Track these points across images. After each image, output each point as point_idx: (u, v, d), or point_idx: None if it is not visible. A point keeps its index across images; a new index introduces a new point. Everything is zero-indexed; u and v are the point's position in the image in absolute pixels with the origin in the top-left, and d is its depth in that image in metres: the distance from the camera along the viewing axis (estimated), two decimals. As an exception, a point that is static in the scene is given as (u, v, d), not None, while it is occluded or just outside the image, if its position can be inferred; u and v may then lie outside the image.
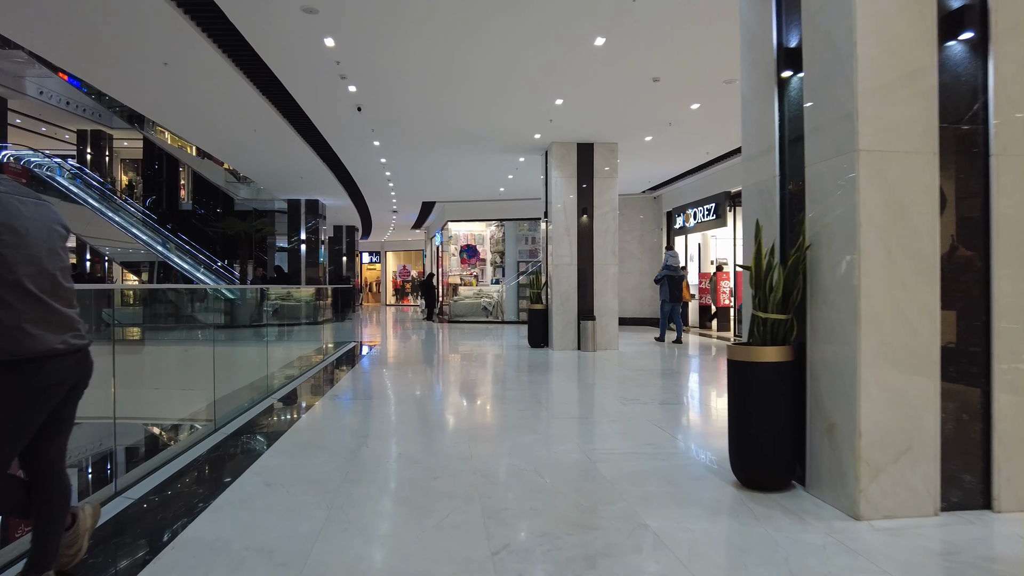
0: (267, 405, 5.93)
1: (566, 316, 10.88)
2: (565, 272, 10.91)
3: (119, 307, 8.19)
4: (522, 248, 18.32)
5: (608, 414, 5.60)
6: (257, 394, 6.16)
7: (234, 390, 5.98)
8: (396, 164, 12.99)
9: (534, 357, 9.88)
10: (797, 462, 3.55)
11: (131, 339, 7.71)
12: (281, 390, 6.72)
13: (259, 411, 5.68)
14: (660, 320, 12.32)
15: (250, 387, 6.34)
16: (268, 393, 6.37)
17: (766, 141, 3.94)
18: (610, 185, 11.10)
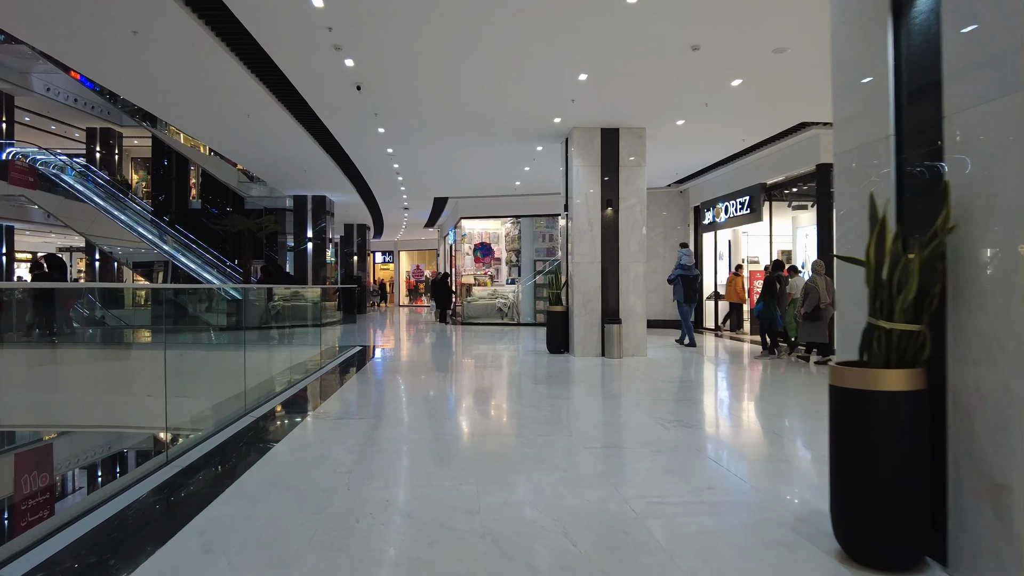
0: (239, 428, 5.02)
1: (588, 319, 9.88)
2: (587, 271, 9.91)
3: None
4: (539, 246, 17.34)
5: (648, 441, 4.60)
6: (229, 413, 5.25)
7: (198, 411, 5.08)
8: (404, 154, 12.08)
9: (553, 365, 8.90)
10: (934, 530, 2.53)
11: (90, 341, 6.87)
12: (261, 407, 5.81)
13: (228, 435, 4.77)
14: (683, 323, 11.23)
15: (220, 405, 5.44)
16: (244, 412, 5.46)
17: (874, 92, 2.92)
18: (637, 175, 10.08)
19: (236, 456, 4.25)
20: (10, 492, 4.21)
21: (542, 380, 7.55)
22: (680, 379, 7.98)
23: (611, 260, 9.97)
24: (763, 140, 11.34)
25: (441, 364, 9.45)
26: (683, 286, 11.33)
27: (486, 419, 5.39)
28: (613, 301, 9.96)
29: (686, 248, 12.36)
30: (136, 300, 13.29)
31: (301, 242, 16.99)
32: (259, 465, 3.97)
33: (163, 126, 22.89)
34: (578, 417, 5.50)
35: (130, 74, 8.02)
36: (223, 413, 5.32)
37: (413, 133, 10.41)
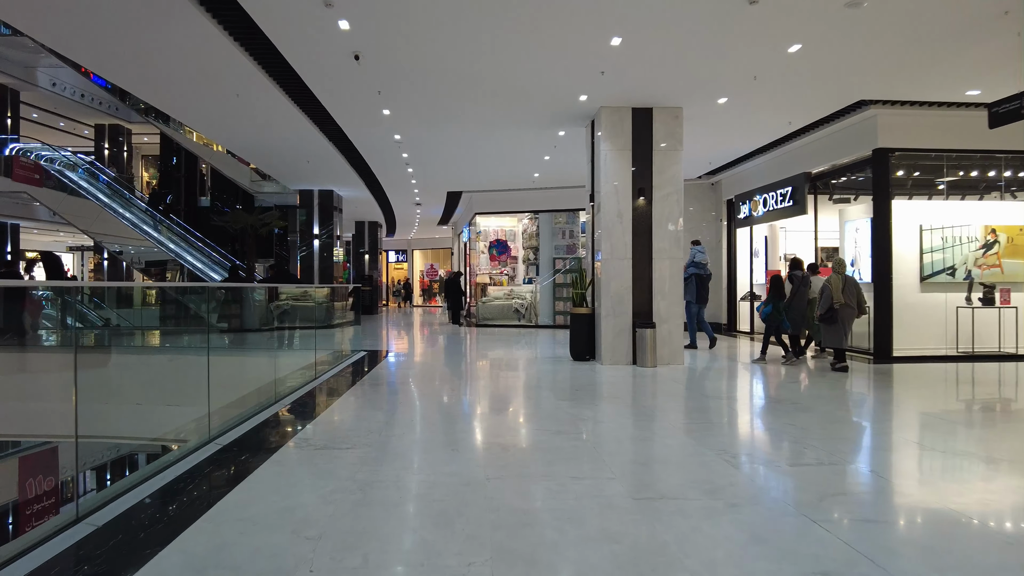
0: (191, 464, 4.00)
1: (618, 323, 8.78)
2: (617, 268, 8.81)
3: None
4: (559, 243, 16.24)
5: (717, 488, 3.50)
6: (182, 444, 4.24)
7: (132, 446, 4.10)
8: (413, 141, 11.06)
9: (579, 375, 7.80)
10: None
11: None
12: (231, 432, 4.80)
13: (173, 475, 3.75)
14: (688, 324, 10.21)
15: (172, 433, 4.44)
16: (206, 439, 4.46)
17: None
18: (673, 160, 8.95)
19: (172, 510, 3.23)
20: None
21: (568, 395, 6.46)
22: (729, 394, 6.85)
23: (643, 256, 8.85)
24: (812, 123, 10.14)
25: (451, 374, 8.40)
26: (696, 285, 10.21)
27: (504, 451, 4.33)
28: (646, 302, 8.84)
29: (699, 245, 11.28)
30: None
31: (307, 239, 16.05)
32: (198, 526, 2.94)
33: (177, 125, 22.19)
34: (619, 449, 4.41)
35: (96, 42, 7.07)
36: (176, 443, 4.30)
37: (421, 115, 9.38)
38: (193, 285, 14.56)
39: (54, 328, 6.28)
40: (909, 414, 5.91)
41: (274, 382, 6.05)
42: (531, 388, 6.98)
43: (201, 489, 3.53)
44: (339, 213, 16.87)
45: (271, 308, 8.95)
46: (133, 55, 7.22)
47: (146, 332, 9.13)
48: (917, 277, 9.94)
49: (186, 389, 5.03)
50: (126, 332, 8.64)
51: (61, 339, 5.89)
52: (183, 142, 23.41)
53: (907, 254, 9.80)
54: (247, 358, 7.70)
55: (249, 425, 5.01)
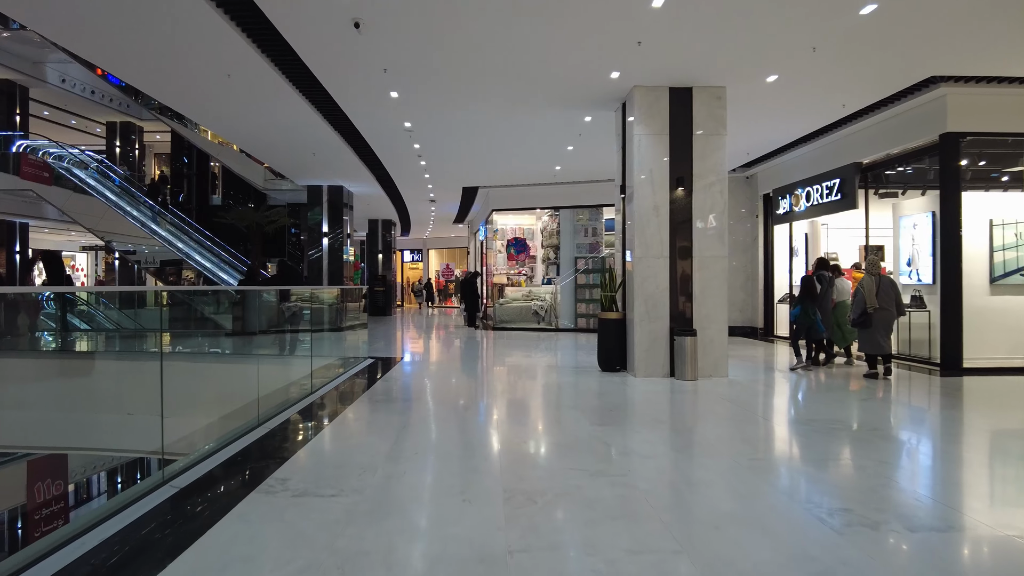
0: (127, 521, 3.11)
1: (653, 329, 7.78)
2: (652, 268, 7.82)
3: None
4: (580, 241, 15.24)
5: (826, 569, 2.52)
6: (123, 490, 3.37)
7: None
8: (425, 130, 10.15)
9: (610, 391, 6.83)
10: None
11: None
12: (194, 470, 3.91)
13: (95, 542, 2.86)
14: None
15: (109, 475, 3.58)
16: (160, 481, 3.58)
17: None
18: (715, 146, 7.94)
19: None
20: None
21: (602, 418, 5.50)
22: (792, 417, 5.82)
23: (683, 254, 7.85)
24: (867, 107, 9.05)
25: (466, 388, 7.46)
26: None
27: (530, 502, 3.38)
28: (685, 306, 7.84)
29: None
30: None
31: (316, 237, 15.24)
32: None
33: (192, 125, 21.58)
34: (679, 500, 3.43)
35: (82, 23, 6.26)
36: (116, 490, 3.43)
37: (433, 99, 8.46)
38: (162, 289, 13.82)
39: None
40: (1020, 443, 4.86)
41: (257, 402, 5.16)
42: (558, 407, 6.02)
43: (125, 564, 2.63)
44: (349, 210, 16.05)
45: (262, 313, 8.09)
46: (117, 31, 6.39)
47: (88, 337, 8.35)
48: (986, 278, 8.83)
49: (134, 414, 4.16)
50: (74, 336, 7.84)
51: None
52: (195, 140, 22.82)
53: (975, 253, 8.71)
54: (227, 371, 6.84)
55: (218, 459, 4.12)
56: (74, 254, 32.93)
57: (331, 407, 6.00)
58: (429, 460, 4.14)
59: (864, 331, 7.92)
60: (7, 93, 21.73)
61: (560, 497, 3.43)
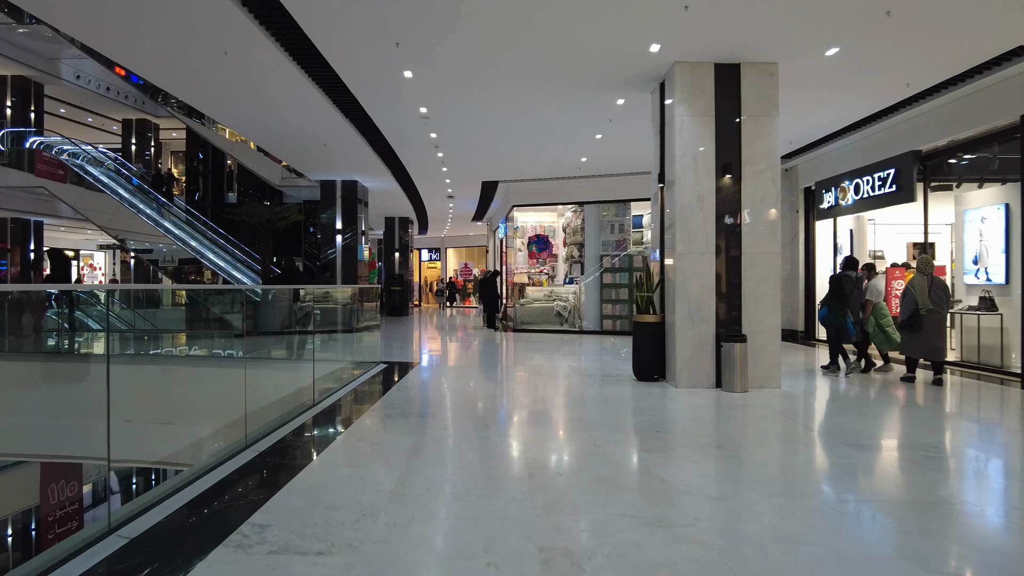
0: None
1: (697, 334, 6.92)
2: (696, 265, 6.96)
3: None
4: (606, 238, 14.39)
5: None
6: (52, 550, 2.64)
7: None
8: (442, 118, 9.39)
9: (652, 405, 5.99)
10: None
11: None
12: (152, 511, 3.19)
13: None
14: None
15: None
16: (105, 530, 2.85)
17: None
18: (766, 129, 7.06)
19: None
20: None
21: (651, 442, 4.67)
22: (874, 441, 4.92)
23: (731, 250, 6.99)
24: (934, 85, 8.09)
25: (487, 400, 6.66)
26: None
27: (577, 570, 2.58)
28: (733, 309, 6.97)
29: None
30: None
31: (329, 235, 14.57)
32: None
33: (210, 123, 21.11)
34: (773, 570, 2.61)
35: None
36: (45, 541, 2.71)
37: (450, 80, 7.70)
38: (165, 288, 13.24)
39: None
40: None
41: (244, 419, 4.43)
42: (594, 427, 5.21)
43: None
44: (364, 206, 15.37)
45: (264, 314, 7.39)
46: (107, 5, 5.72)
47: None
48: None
49: (78, 440, 3.45)
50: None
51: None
52: (210, 137, 22.37)
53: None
54: (211, 381, 6.14)
55: (185, 496, 3.38)
56: (92, 253, 32.83)
57: (333, 423, 5.26)
58: (443, 500, 3.36)
59: (913, 334, 7.29)
60: (22, 90, 21.45)
61: (614, 561, 2.62)
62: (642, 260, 13.74)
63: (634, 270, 13.80)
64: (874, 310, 8.23)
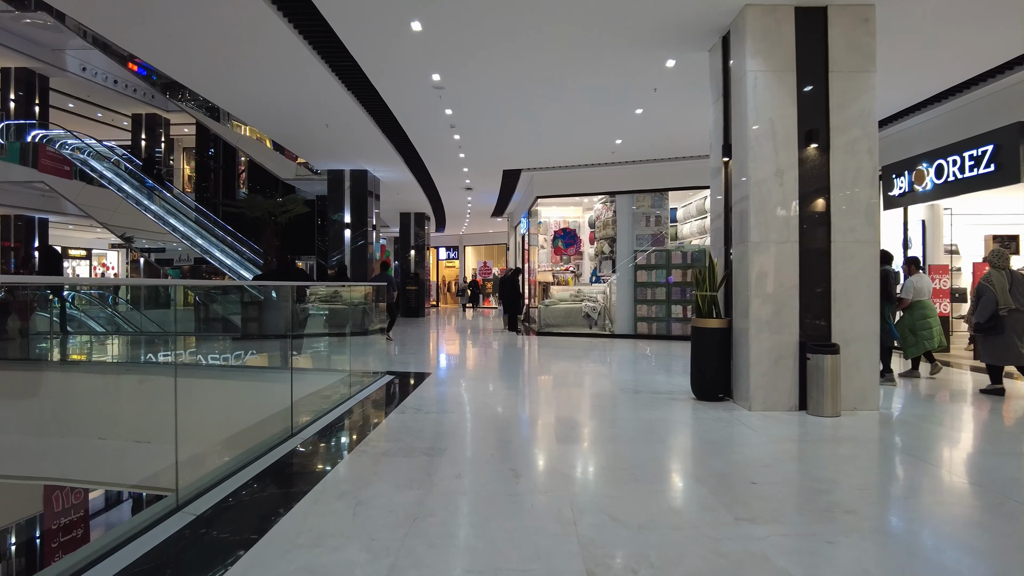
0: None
1: (777, 343, 5.53)
2: (774, 257, 5.57)
3: None
4: (641, 232, 12.99)
5: None
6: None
7: None
8: (458, 88, 8.11)
9: (725, 437, 4.62)
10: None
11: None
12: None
13: None
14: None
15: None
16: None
17: None
18: (862, 86, 5.64)
19: None
20: None
21: (746, 504, 3.31)
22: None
23: (817, 238, 5.59)
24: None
25: (511, 429, 5.32)
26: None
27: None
28: (820, 312, 5.57)
29: None
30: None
31: (337, 230, 13.38)
32: None
33: (226, 118, 20.14)
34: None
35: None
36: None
37: (466, 34, 6.40)
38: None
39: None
40: None
41: (175, 468, 3.15)
42: (665, 474, 3.86)
43: None
44: (375, 200, 14.15)
45: (245, 317, 6.16)
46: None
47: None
48: None
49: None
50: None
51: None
52: (220, 131, 21.41)
53: None
54: (137, 409, 4.91)
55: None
56: (104, 252, 32.20)
57: (307, 467, 3.98)
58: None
59: (994, 338, 6.31)
60: (26, 82, 20.64)
61: None
62: (683, 256, 12.32)
63: (672, 267, 12.40)
64: (912, 309, 7.19)
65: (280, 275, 7.95)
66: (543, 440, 4.60)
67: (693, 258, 12.33)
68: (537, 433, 4.87)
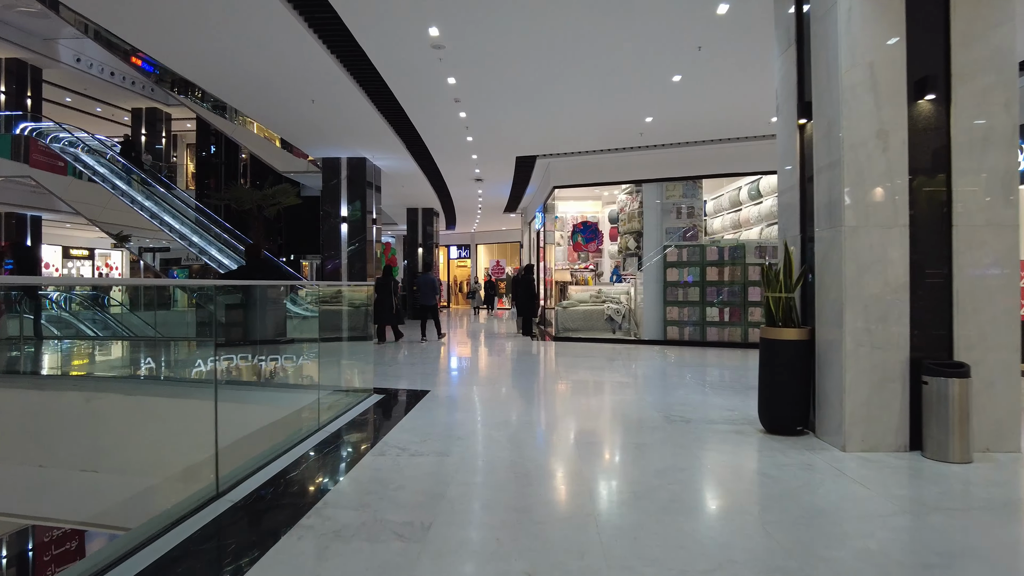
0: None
1: (880, 362, 4.12)
2: (877, 246, 4.16)
3: None
4: (671, 225, 11.59)
5: None
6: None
7: None
8: (461, 45, 6.79)
9: (820, 499, 3.23)
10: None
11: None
12: None
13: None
14: None
15: None
16: None
17: None
18: (996, 15, 4.21)
19: None
20: None
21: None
22: None
23: (933, 222, 4.18)
24: None
25: (521, 481, 3.96)
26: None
27: None
28: (940, 319, 4.16)
29: None
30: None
31: (333, 224, 12.14)
32: None
33: (235, 117, 19.05)
34: None
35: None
36: None
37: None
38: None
39: None
40: None
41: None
42: (761, 572, 2.52)
43: None
44: (376, 192, 12.88)
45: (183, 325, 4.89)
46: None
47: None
48: None
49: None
50: None
51: None
52: (220, 125, 20.31)
53: None
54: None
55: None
56: (108, 252, 31.37)
57: (217, 559, 2.67)
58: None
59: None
60: (17, 74, 19.68)
61: None
62: (719, 252, 10.89)
63: (707, 264, 10.99)
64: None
65: (250, 272, 6.68)
66: (573, 508, 3.25)
67: (731, 254, 10.92)
68: (563, 495, 3.52)
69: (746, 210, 12.69)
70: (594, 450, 4.38)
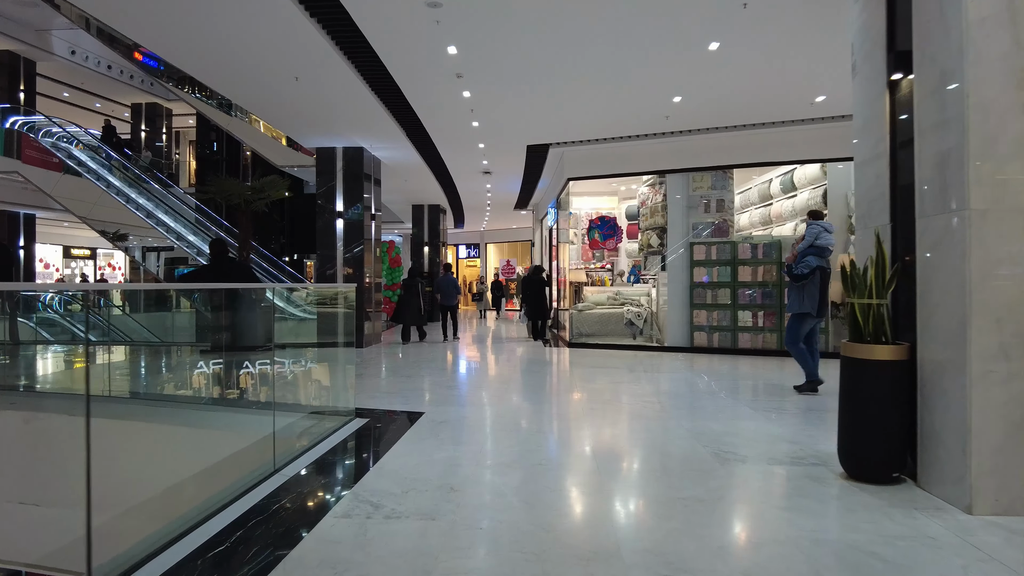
0: None
1: (1019, 395, 3.06)
2: (1012, 236, 3.10)
3: None
4: (698, 220, 10.51)
5: None
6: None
7: None
8: (462, 12, 5.77)
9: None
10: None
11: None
12: None
13: None
14: (800, 354, 6.19)
15: None
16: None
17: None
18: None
19: None
20: None
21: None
22: None
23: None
24: None
25: (526, 563, 2.96)
26: (819, 283, 6.06)
27: None
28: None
29: (822, 220, 6.29)
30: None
31: (328, 220, 11.18)
32: None
33: (241, 112, 18.23)
34: None
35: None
36: None
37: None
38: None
39: None
40: None
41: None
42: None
43: None
44: (375, 185, 11.91)
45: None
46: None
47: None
48: None
49: None
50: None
51: None
52: (220, 121, 19.46)
53: None
54: None
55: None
56: (112, 252, 30.75)
57: None
58: None
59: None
60: (10, 67, 18.95)
61: None
62: (751, 249, 9.78)
63: (739, 263, 9.91)
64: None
65: (214, 272, 5.72)
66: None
67: (765, 252, 9.82)
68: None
69: (778, 204, 11.56)
70: (633, 509, 3.33)
